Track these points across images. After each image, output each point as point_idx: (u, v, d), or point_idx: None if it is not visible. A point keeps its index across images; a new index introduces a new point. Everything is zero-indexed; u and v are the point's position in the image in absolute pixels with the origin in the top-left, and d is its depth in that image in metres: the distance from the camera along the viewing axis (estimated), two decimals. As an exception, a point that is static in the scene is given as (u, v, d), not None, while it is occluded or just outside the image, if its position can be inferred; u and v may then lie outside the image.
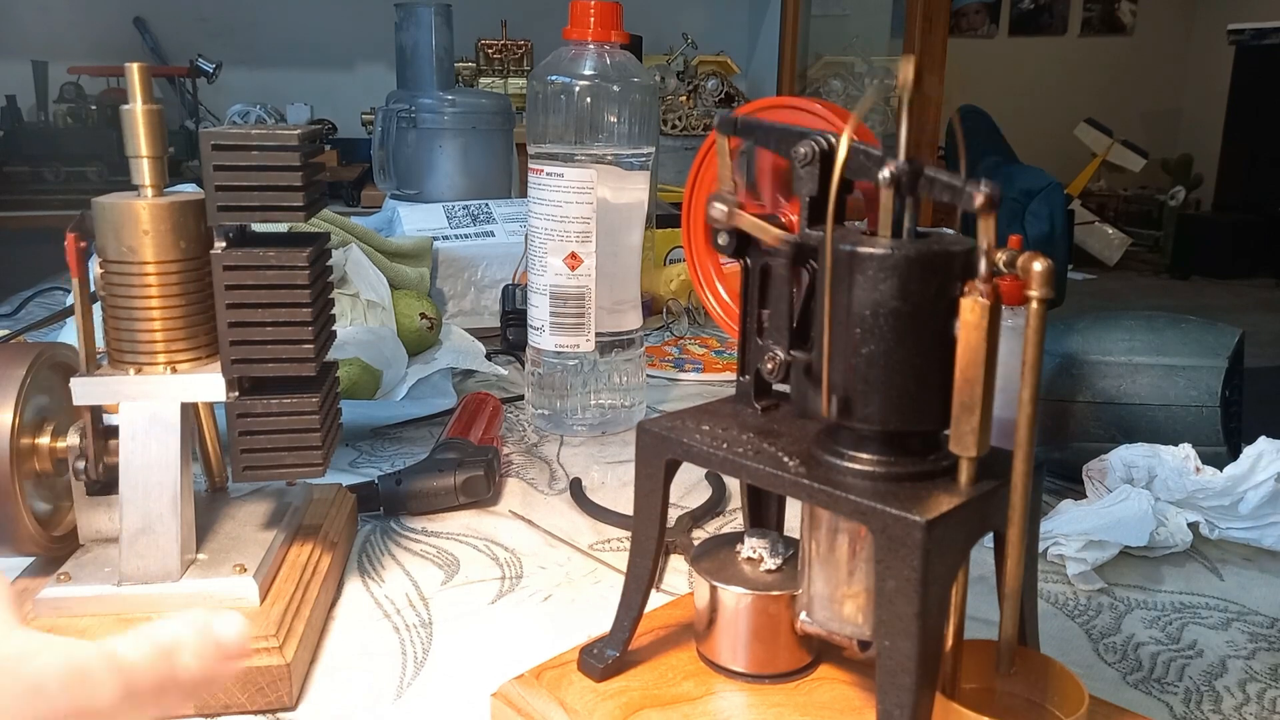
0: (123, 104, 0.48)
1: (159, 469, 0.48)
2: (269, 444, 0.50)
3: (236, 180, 0.47)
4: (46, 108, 2.72)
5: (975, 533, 0.35)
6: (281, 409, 0.49)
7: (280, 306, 0.48)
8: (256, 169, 0.47)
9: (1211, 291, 4.05)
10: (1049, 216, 3.43)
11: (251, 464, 0.50)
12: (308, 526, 0.57)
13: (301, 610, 0.49)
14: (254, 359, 0.48)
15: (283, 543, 0.53)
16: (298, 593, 0.50)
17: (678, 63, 3.05)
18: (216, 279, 0.47)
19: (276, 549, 0.52)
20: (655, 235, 1.27)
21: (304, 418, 0.50)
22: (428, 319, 0.98)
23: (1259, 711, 0.47)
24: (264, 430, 0.49)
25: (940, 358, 0.34)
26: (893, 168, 0.33)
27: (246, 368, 0.49)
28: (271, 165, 0.47)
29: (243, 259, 0.47)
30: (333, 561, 0.55)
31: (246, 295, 0.48)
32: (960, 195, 0.33)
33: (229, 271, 0.47)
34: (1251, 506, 0.61)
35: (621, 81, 0.78)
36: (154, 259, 0.48)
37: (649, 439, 0.41)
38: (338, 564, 0.57)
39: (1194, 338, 0.70)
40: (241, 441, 0.49)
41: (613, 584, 0.58)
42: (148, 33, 2.88)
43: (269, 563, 0.50)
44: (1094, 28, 5.29)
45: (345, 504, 0.61)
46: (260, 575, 0.49)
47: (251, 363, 0.49)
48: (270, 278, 0.48)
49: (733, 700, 0.42)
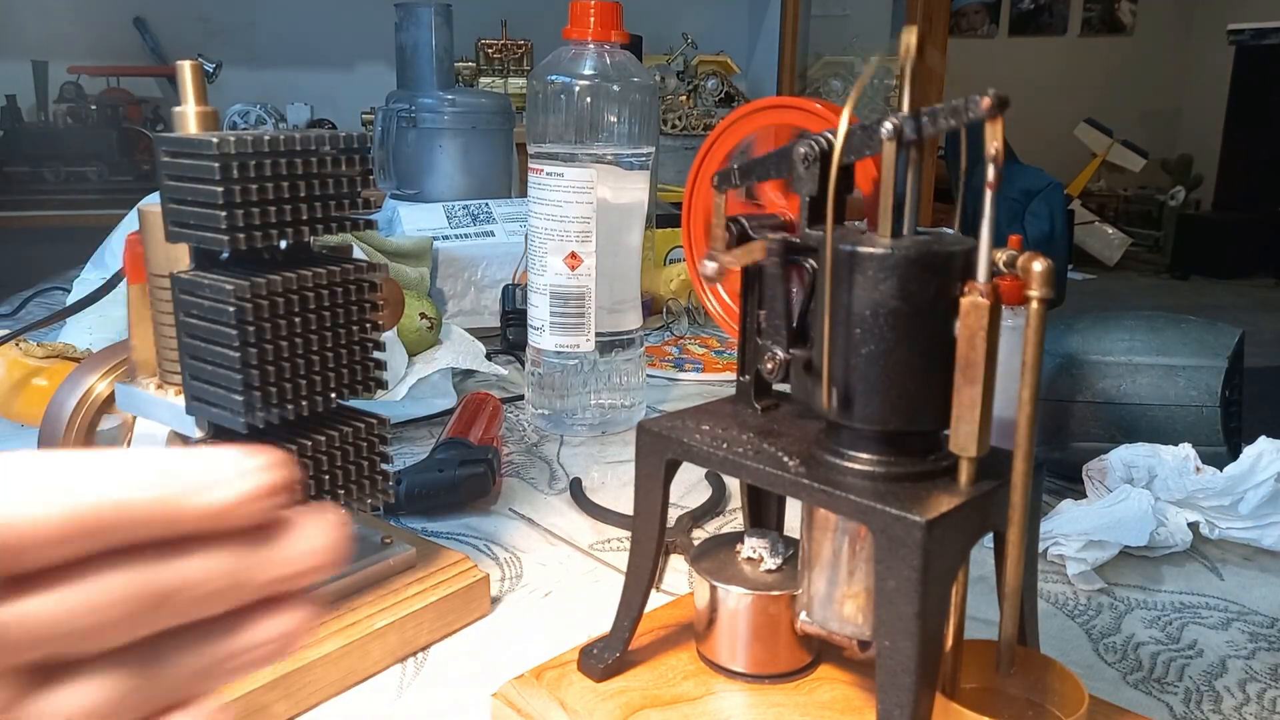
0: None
1: None
2: None
3: (180, 194, 0.41)
4: (46, 108, 2.72)
5: (975, 533, 0.35)
6: None
7: (214, 344, 0.41)
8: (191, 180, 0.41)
9: (1211, 291, 4.05)
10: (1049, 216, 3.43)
11: None
12: (362, 604, 0.48)
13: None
14: (203, 399, 0.43)
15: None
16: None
17: (678, 63, 3.05)
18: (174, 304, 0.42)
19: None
20: (655, 235, 1.27)
21: None
22: (428, 319, 0.98)
23: (1259, 711, 0.47)
24: None
25: (940, 358, 0.34)
26: (893, 120, 0.33)
27: (198, 407, 0.43)
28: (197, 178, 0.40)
29: (187, 284, 0.42)
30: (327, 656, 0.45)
31: (194, 326, 0.42)
32: (964, 111, 0.32)
33: (182, 296, 0.42)
34: (1251, 506, 0.61)
35: (621, 81, 0.78)
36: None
37: (649, 439, 0.41)
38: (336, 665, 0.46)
39: (1194, 338, 0.70)
40: None
41: (613, 584, 0.57)
42: (148, 33, 2.88)
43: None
44: (1094, 28, 5.29)
45: (452, 583, 0.51)
46: None
47: (200, 403, 0.43)
48: (204, 309, 0.41)
49: (733, 700, 0.42)
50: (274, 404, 0.43)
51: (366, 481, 0.48)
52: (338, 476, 0.46)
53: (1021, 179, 3.48)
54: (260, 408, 0.42)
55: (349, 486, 0.47)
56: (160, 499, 0.21)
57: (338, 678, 0.47)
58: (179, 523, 0.21)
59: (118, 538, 0.21)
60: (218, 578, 0.22)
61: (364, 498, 0.48)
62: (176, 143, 0.42)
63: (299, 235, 0.44)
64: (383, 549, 0.52)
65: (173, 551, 0.21)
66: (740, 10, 3.53)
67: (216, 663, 0.22)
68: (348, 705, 0.46)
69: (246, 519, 0.22)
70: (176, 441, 0.46)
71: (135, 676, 0.21)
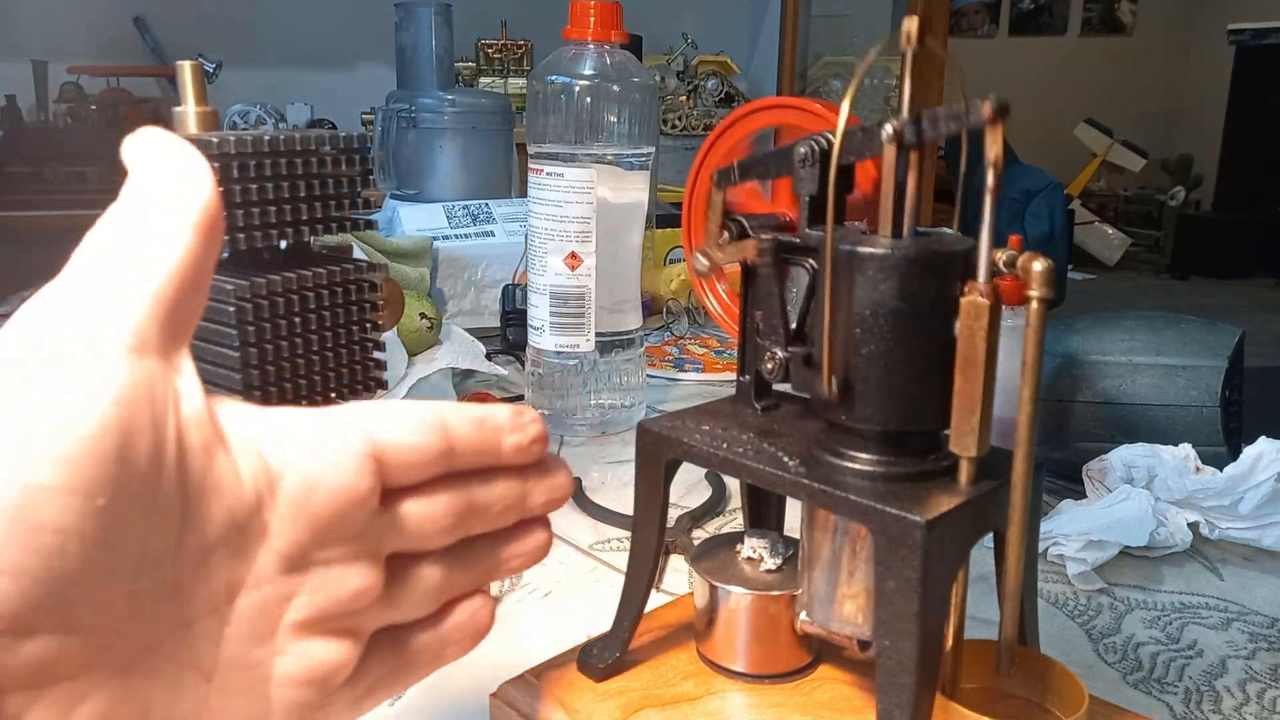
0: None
1: None
2: None
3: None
4: (46, 108, 2.71)
5: (975, 533, 0.35)
6: None
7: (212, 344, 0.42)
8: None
9: (1211, 291, 4.05)
10: (1049, 216, 3.43)
11: None
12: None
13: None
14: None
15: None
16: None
17: (678, 63, 3.05)
18: None
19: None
20: (655, 235, 1.27)
21: None
22: (428, 319, 0.98)
23: (1259, 711, 0.47)
24: None
25: (940, 358, 0.34)
26: (894, 123, 0.33)
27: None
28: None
29: None
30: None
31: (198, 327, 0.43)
32: (966, 116, 0.32)
33: None
34: (1251, 506, 0.61)
35: (621, 81, 0.78)
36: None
37: (649, 439, 0.41)
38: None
39: (1194, 338, 0.70)
40: None
41: (613, 584, 0.57)
42: (148, 33, 2.88)
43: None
44: (1094, 28, 5.29)
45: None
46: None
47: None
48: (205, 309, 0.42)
49: (733, 700, 0.42)
50: (274, 403, 0.42)
51: None
52: None
53: (1021, 179, 3.48)
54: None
55: None
56: (485, 439, 0.28)
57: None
58: (495, 457, 0.28)
59: (460, 463, 0.27)
60: (511, 499, 0.29)
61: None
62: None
63: (299, 235, 0.43)
64: None
65: (488, 478, 0.28)
66: (740, 10, 3.53)
67: (499, 563, 0.30)
68: (348, 705, 0.46)
69: (530, 457, 0.29)
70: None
71: (452, 568, 0.28)
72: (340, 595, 0.25)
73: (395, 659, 0.28)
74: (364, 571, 0.25)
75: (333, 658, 0.25)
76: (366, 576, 0.25)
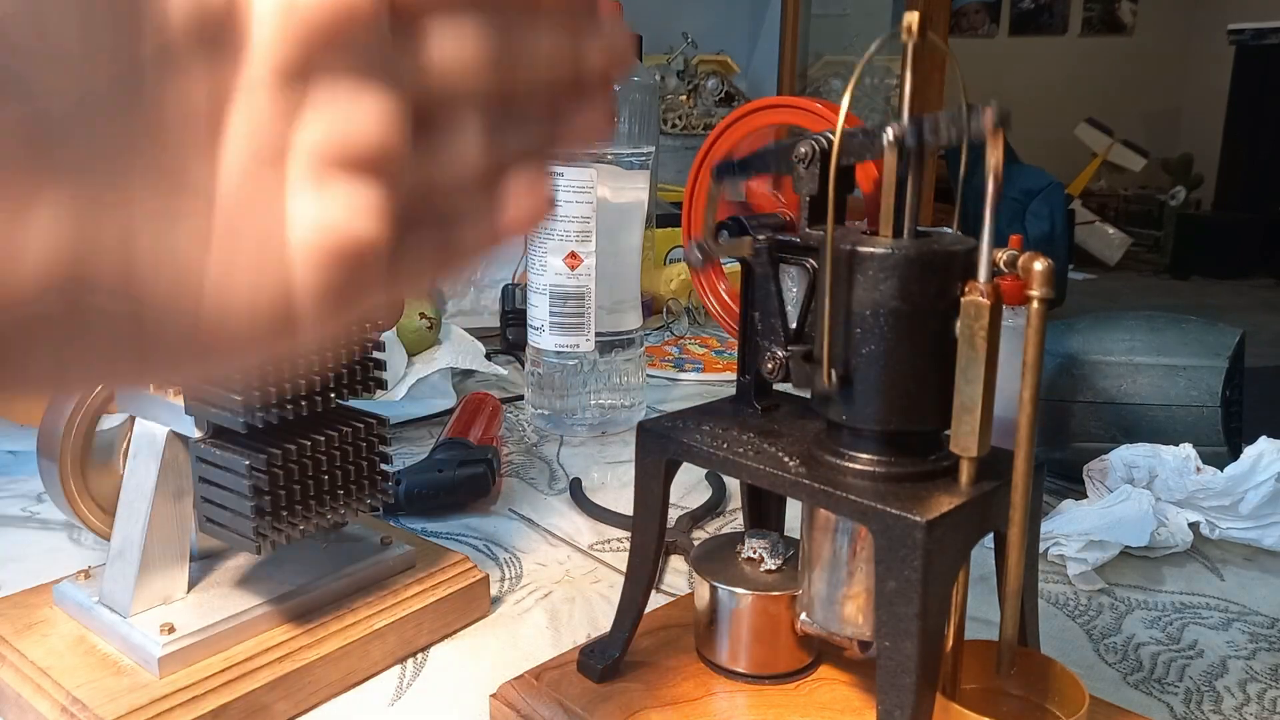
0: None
1: (139, 494, 0.45)
2: (219, 499, 0.44)
3: None
4: (46, 107, 2.71)
5: (975, 533, 0.35)
6: (220, 462, 0.43)
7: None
8: None
9: (1211, 291, 4.05)
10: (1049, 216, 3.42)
11: (209, 516, 0.44)
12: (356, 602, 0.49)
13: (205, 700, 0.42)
14: (200, 398, 0.43)
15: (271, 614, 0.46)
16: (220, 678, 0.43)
17: (678, 62, 3.04)
18: None
19: (251, 619, 0.45)
20: (655, 235, 1.27)
21: (233, 477, 0.42)
22: (427, 319, 0.98)
23: (1259, 711, 0.47)
24: (214, 483, 0.44)
25: (940, 358, 0.34)
26: (895, 128, 0.33)
27: (198, 406, 0.43)
28: None
29: None
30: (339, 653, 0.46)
31: None
32: (967, 124, 0.32)
33: None
34: (1252, 506, 0.61)
35: (621, 81, 0.78)
36: None
37: (649, 439, 0.41)
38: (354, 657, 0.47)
39: (1194, 338, 0.70)
40: (199, 489, 0.44)
41: (613, 584, 0.57)
42: (148, 32, 2.88)
43: (214, 632, 0.44)
44: (1094, 28, 5.29)
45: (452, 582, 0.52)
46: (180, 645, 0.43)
47: (199, 403, 0.43)
48: None
49: (733, 701, 0.42)
50: (274, 404, 0.43)
51: (366, 482, 0.48)
52: (337, 477, 0.46)
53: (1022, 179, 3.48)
54: (260, 408, 0.42)
55: (348, 487, 0.47)
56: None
57: (338, 678, 0.47)
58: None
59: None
60: (559, 44, 0.24)
61: (363, 498, 0.48)
62: None
63: None
64: (382, 549, 0.52)
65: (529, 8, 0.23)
66: (740, 10, 3.53)
67: (556, 129, 0.25)
68: (348, 706, 0.46)
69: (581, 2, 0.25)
70: (176, 441, 0.46)
71: (500, 125, 0.24)
72: (356, 118, 0.21)
73: (440, 234, 0.24)
74: (382, 99, 0.21)
75: (360, 204, 0.21)
76: (386, 104, 0.21)
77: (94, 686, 0.42)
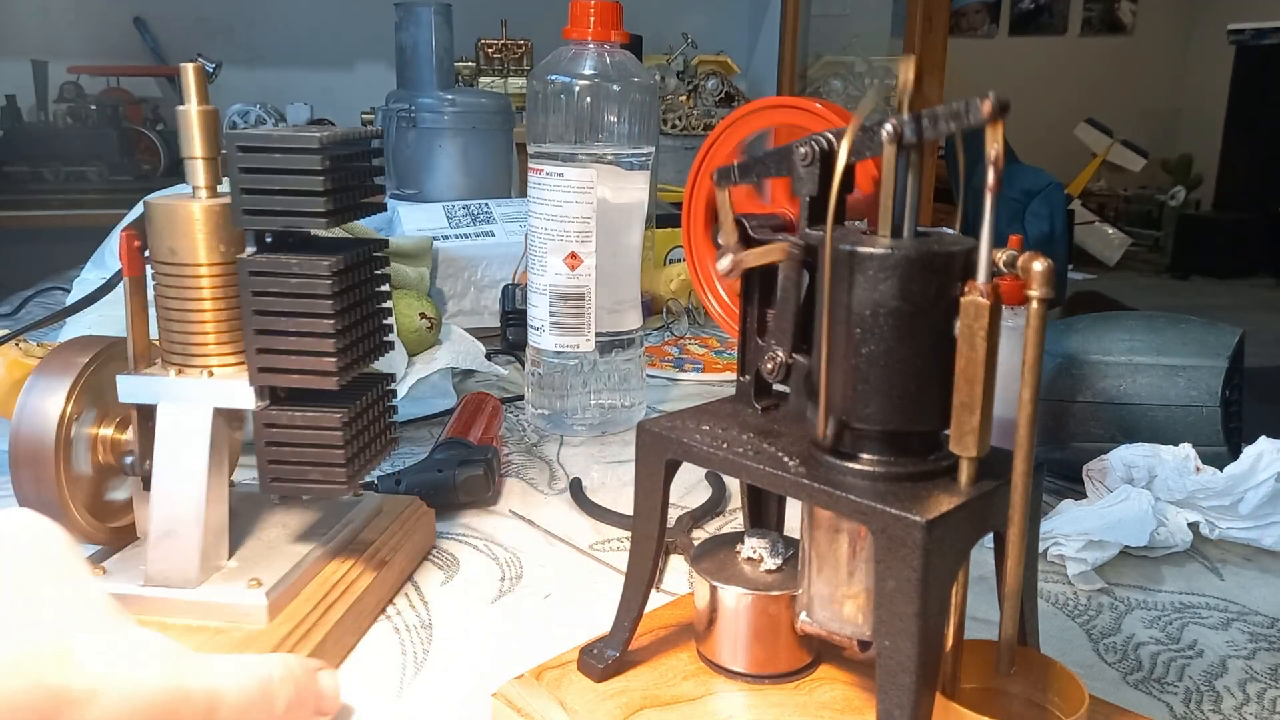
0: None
1: (186, 474, 0.47)
2: (294, 457, 0.48)
3: (261, 184, 0.45)
4: (46, 108, 2.71)
5: (975, 533, 0.35)
6: (305, 422, 0.48)
7: (302, 316, 0.46)
8: (279, 172, 0.45)
9: (1211, 291, 4.05)
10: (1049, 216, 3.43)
11: (277, 476, 0.48)
12: (361, 541, 0.55)
13: (313, 634, 0.47)
14: (277, 369, 0.47)
15: (319, 557, 0.52)
16: (315, 613, 0.48)
17: (678, 63, 3.05)
18: (242, 285, 0.46)
19: (310, 563, 0.51)
20: (655, 235, 1.27)
21: (327, 433, 0.48)
22: (427, 319, 0.98)
23: (1259, 711, 0.47)
24: (289, 443, 0.48)
25: (940, 358, 0.34)
26: (893, 123, 0.33)
27: (270, 377, 0.47)
28: (293, 169, 0.45)
29: (266, 265, 0.46)
30: (375, 581, 0.53)
31: (269, 303, 0.46)
32: (965, 115, 0.32)
33: (254, 278, 0.46)
34: (1252, 506, 0.61)
35: (621, 81, 0.78)
36: (199, 261, 0.47)
37: (649, 439, 0.41)
38: (383, 584, 0.54)
39: (1194, 338, 0.70)
40: (267, 453, 0.48)
41: (613, 584, 0.57)
42: (148, 33, 2.88)
43: (292, 578, 0.49)
44: (1094, 27, 5.29)
45: (416, 520, 0.60)
46: (276, 592, 0.48)
47: (275, 372, 0.47)
48: (293, 285, 0.46)
49: (733, 700, 0.42)
50: (350, 364, 0.48)
51: (385, 433, 0.54)
52: (374, 429, 0.52)
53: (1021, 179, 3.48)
54: (344, 369, 0.48)
55: (379, 436, 0.53)
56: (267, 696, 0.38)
57: (374, 603, 0.54)
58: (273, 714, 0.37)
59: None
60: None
61: (385, 446, 0.53)
62: (260, 138, 0.45)
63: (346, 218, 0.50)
64: (355, 501, 0.58)
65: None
66: (740, 10, 3.53)
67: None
68: (348, 705, 0.46)
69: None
70: (220, 420, 0.48)
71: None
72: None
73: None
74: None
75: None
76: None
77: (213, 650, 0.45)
